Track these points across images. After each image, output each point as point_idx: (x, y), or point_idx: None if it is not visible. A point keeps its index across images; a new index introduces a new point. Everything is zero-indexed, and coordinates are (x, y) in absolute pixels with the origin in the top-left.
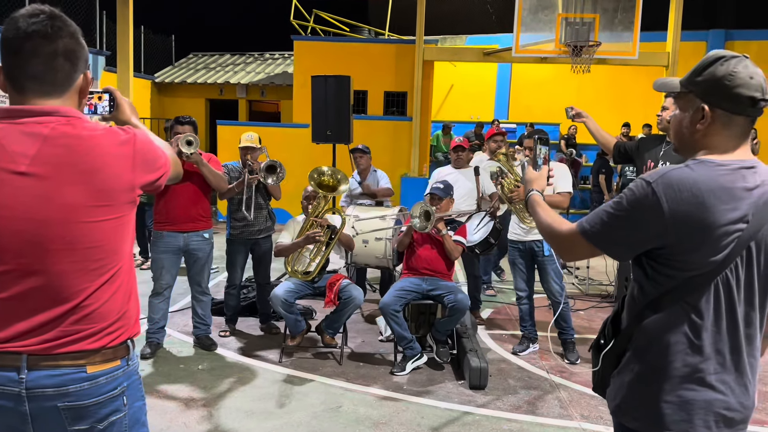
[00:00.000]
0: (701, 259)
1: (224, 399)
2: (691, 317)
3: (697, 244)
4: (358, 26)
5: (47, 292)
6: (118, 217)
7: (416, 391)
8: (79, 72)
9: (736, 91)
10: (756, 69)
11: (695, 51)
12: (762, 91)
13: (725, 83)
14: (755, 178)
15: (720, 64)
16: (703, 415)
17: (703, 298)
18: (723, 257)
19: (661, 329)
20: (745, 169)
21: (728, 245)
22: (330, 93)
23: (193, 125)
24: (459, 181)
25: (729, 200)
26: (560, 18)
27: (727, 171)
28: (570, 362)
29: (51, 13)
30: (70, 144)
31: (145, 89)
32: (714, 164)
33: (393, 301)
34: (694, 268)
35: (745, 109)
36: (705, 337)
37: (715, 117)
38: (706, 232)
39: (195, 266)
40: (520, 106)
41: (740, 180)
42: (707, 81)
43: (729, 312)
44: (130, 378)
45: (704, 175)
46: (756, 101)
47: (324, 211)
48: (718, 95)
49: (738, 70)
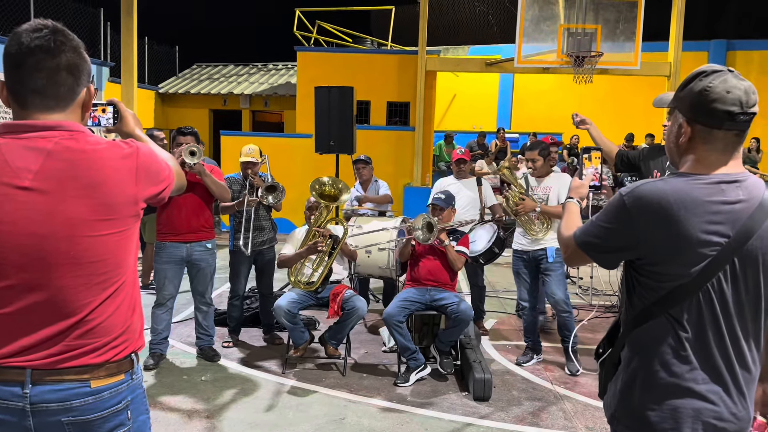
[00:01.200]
0: (677, 270)
1: (227, 410)
2: (675, 329)
3: (669, 256)
4: (361, 37)
5: (51, 306)
6: (122, 230)
7: (420, 403)
8: (82, 86)
9: (712, 106)
10: (738, 83)
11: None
12: (740, 105)
13: (701, 98)
14: (737, 192)
15: (699, 79)
16: (692, 424)
17: (684, 312)
18: (700, 270)
19: (648, 340)
20: (726, 183)
21: (705, 258)
22: (333, 103)
23: (195, 135)
24: (461, 191)
25: (702, 213)
26: (562, 28)
27: (703, 184)
28: (570, 373)
29: (54, 28)
30: (73, 158)
31: (149, 100)
32: (691, 177)
33: (396, 312)
34: (671, 279)
35: (722, 123)
36: (690, 348)
37: (694, 132)
38: (677, 244)
39: (198, 277)
40: (522, 115)
41: (718, 194)
42: (686, 96)
43: (713, 325)
44: (134, 392)
45: (676, 188)
46: (733, 115)
47: (326, 221)
48: (696, 110)
49: (714, 85)
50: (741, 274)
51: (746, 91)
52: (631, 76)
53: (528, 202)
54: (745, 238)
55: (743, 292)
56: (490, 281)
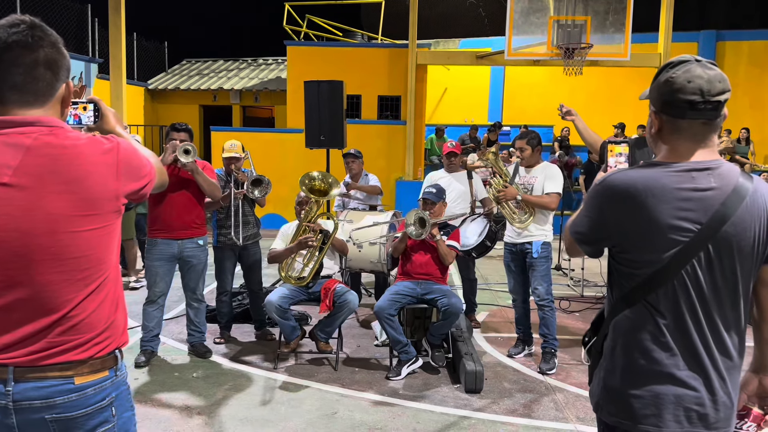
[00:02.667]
0: (649, 256)
1: (219, 407)
2: (653, 316)
3: (640, 242)
4: (352, 31)
5: (33, 303)
6: (104, 226)
7: (412, 396)
8: (61, 81)
9: (673, 96)
10: (703, 72)
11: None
12: (701, 94)
13: (665, 89)
14: (709, 179)
15: (666, 70)
16: (673, 410)
17: (661, 298)
18: (673, 255)
19: (628, 327)
20: (697, 171)
21: (676, 244)
22: (323, 98)
23: (189, 132)
24: (452, 184)
25: (671, 200)
26: (552, 21)
27: (673, 172)
28: (541, 371)
29: (31, 23)
30: (53, 154)
31: (139, 96)
32: (662, 166)
33: (387, 306)
34: (645, 266)
35: (684, 113)
36: (669, 334)
37: (662, 123)
38: (647, 230)
39: (190, 273)
40: (514, 108)
41: (688, 181)
42: (654, 89)
43: (690, 311)
44: (118, 389)
45: (645, 176)
46: (694, 104)
47: (316, 215)
48: (661, 101)
49: (676, 75)
50: (716, 260)
51: (709, 80)
52: (622, 68)
53: (510, 190)
54: (719, 225)
55: (720, 278)
56: (483, 274)
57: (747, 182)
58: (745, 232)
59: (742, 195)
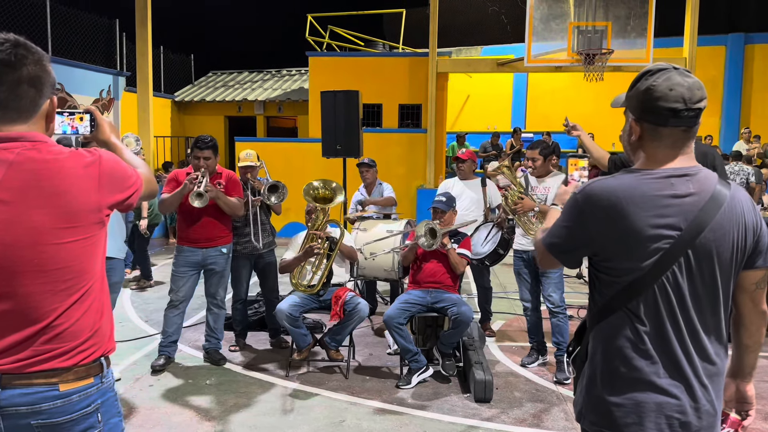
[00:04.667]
0: (630, 264)
1: (230, 414)
2: (634, 323)
3: (621, 250)
4: (373, 41)
5: (18, 313)
6: (86, 237)
7: (420, 405)
8: (45, 97)
9: (655, 104)
10: (682, 79)
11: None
12: (684, 102)
13: (646, 97)
14: (688, 186)
15: (645, 78)
16: (655, 418)
17: (641, 305)
18: (653, 263)
19: (608, 335)
20: (676, 177)
21: (657, 251)
22: (339, 108)
23: (213, 148)
24: (464, 192)
25: (651, 207)
26: (572, 26)
27: (652, 179)
28: (557, 381)
29: (15, 42)
30: (35, 168)
31: (166, 108)
32: (640, 173)
33: (397, 314)
34: (625, 274)
35: (666, 120)
36: (649, 342)
37: (643, 130)
38: (628, 238)
39: (212, 279)
40: (537, 114)
41: (667, 188)
42: (633, 96)
43: (671, 318)
44: (104, 395)
45: (625, 184)
46: (677, 112)
47: (323, 223)
48: (642, 109)
49: (657, 84)
50: (696, 266)
51: (690, 87)
52: None
53: (527, 202)
54: (698, 231)
55: (699, 285)
56: (501, 282)
57: (724, 189)
58: (724, 238)
59: (720, 201)
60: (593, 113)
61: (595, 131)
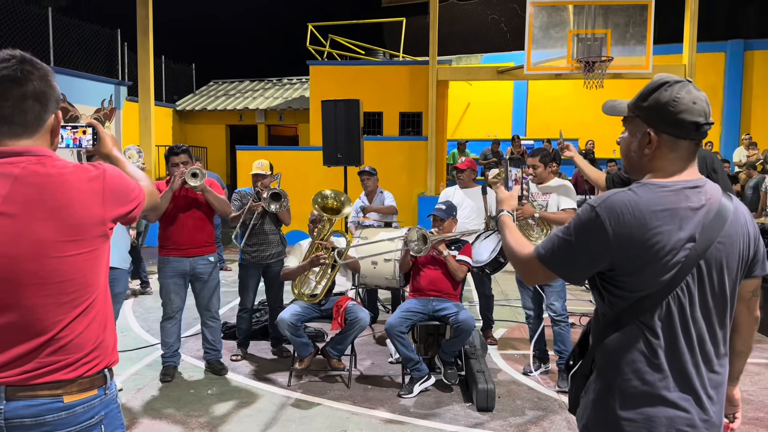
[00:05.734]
0: (649, 279)
1: (230, 424)
2: (647, 336)
3: (642, 265)
4: (373, 49)
5: (22, 325)
6: (90, 251)
7: (422, 414)
8: (50, 112)
9: (680, 116)
10: (699, 94)
11: (713, 62)
12: (705, 116)
13: (669, 109)
14: (700, 197)
15: (664, 89)
16: None
17: (656, 318)
18: (671, 276)
19: (619, 349)
20: (689, 189)
21: (676, 265)
22: (340, 116)
23: (188, 153)
24: (464, 201)
25: (672, 221)
26: (571, 34)
27: (669, 192)
28: (560, 390)
29: (21, 58)
30: (40, 183)
31: (167, 117)
32: (657, 186)
33: (398, 323)
34: (643, 288)
35: (688, 133)
36: (662, 355)
37: (661, 141)
38: (651, 253)
39: (203, 291)
40: (537, 121)
41: (684, 200)
42: (652, 107)
43: (684, 330)
44: (108, 407)
45: (646, 197)
46: (699, 126)
47: (329, 233)
48: (663, 120)
49: (681, 96)
50: (708, 277)
51: (706, 101)
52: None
53: (527, 208)
54: (709, 242)
55: (710, 295)
56: (502, 290)
57: (728, 201)
58: (733, 248)
59: (727, 212)
60: (593, 120)
61: (596, 138)
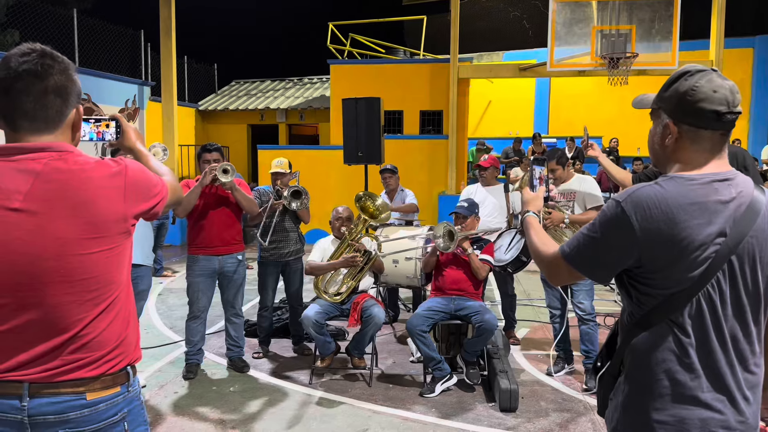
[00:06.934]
0: (679, 275)
1: (253, 422)
2: (677, 335)
3: (672, 261)
4: (394, 48)
5: (45, 323)
6: (112, 248)
7: (445, 414)
8: (71, 107)
9: (698, 105)
10: (723, 82)
11: (741, 58)
12: (727, 104)
13: (687, 98)
14: (730, 190)
15: (684, 79)
16: None
17: (686, 315)
18: (701, 272)
19: (649, 348)
20: (719, 182)
21: (706, 260)
22: (361, 115)
23: (220, 151)
24: (487, 198)
25: (701, 215)
26: (595, 30)
27: (698, 185)
28: (586, 389)
29: (42, 52)
30: (62, 179)
31: (190, 117)
32: (684, 179)
33: (420, 322)
34: (672, 285)
35: (709, 123)
36: (693, 354)
37: (681, 132)
38: (680, 249)
39: (229, 288)
40: (560, 119)
41: (713, 193)
42: (672, 97)
43: (716, 328)
44: (131, 404)
45: (674, 191)
46: (720, 115)
47: (359, 235)
48: (682, 110)
49: (700, 85)
50: (740, 273)
51: (731, 90)
52: None
53: (555, 215)
54: (741, 236)
55: (743, 291)
56: (525, 289)
57: (760, 194)
58: (766, 242)
59: (759, 206)
60: (617, 118)
61: (620, 136)
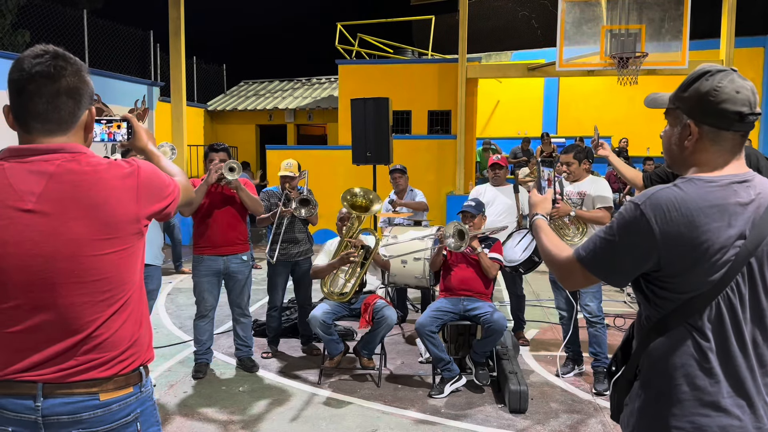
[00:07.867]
0: (698, 278)
1: (262, 421)
2: (696, 339)
3: (691, 264)
4: (402, 48)
5: (58, 324)
6: (125, 248)
7: (454, 415)
8: (83, 108)
9: (721, 106)
10: (744, 83)
11: (752, 57)
12: (749, 105)
13: (710, 99)
14: (749, 192)
15: (705, 79)
16: None
17: (705, 319)
18: (721, 276)
19: (667, 353)
20: (737, 184)
21: (726, 263)
22: (369, 115)
23: (227, 151)
24: (497, 198)
25: (721, 217)
26: (604, 30)
27: (717, 187)
28: (596, 393)
29: (54, 53)
30: (74, 180)
31: (198, 117)
32: (703, 181)
33: (429, 322)
34: (691, 289)
35: (731, 125)
36: (713, 359)
37: (702, 133)
38: (700, 252)
39: (235, 288)
40: (569, 119)
41: (732, 195)
42: (692, 97)
43: (736, 332)
44: (143, 404)
45: (693, 194)
46: (743, 116)
47: (357, 231)
48: (704, 111)
49: (723, 85)
50: (759, 275)
51: (752, 91)
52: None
53: (562, 207)
54: (761, 238)
55: (762, 294)
56: (534, 290)
57: None
58: None
59: None
60: (627, 117)
61: (629, 136)
